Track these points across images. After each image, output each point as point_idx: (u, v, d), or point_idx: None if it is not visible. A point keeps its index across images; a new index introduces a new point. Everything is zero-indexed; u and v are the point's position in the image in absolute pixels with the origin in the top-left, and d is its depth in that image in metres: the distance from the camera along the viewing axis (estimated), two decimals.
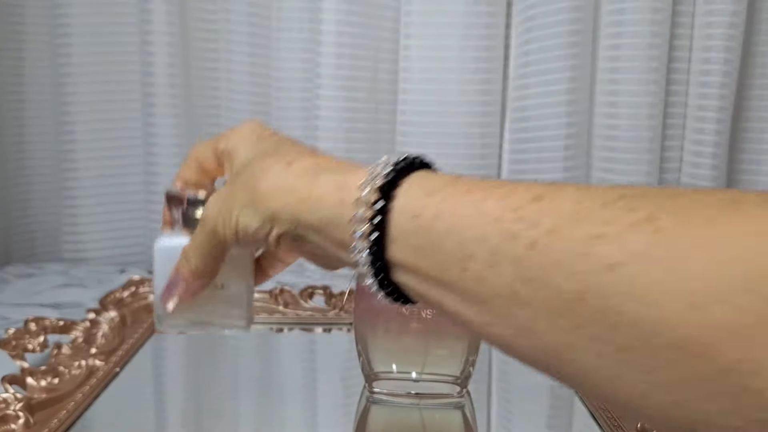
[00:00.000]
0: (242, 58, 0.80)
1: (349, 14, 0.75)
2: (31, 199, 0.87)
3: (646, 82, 0.72)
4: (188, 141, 0.82)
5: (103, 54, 0.82)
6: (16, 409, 0.41)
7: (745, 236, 0.21)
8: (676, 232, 0.22)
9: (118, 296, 0.63)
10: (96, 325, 0.56)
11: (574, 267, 0.23)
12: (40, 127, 0.86)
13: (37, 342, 0.51)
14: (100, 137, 0.84)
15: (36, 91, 0.85)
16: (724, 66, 0.71)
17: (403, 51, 0.77)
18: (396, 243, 0.29)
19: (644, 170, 0.74)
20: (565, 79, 0.73)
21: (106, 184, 0.85)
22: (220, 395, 0.48)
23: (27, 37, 0.83)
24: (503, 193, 0.26)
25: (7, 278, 0.77)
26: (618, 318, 0.22)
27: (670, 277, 0.21)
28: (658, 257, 0.21)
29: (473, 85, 0.76)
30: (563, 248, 0.24)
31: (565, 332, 0.24)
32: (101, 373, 0.49)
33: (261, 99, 0.81)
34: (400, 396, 0.47)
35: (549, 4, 0.72)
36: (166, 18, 0.78)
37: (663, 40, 0.72)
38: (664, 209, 0.22)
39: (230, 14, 0.80)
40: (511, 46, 0.78)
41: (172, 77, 0.80)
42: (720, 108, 0.71)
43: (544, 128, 0.75)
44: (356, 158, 0.77)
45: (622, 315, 0.22)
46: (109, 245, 0.86)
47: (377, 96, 0.79)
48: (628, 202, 0.23)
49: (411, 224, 0.28)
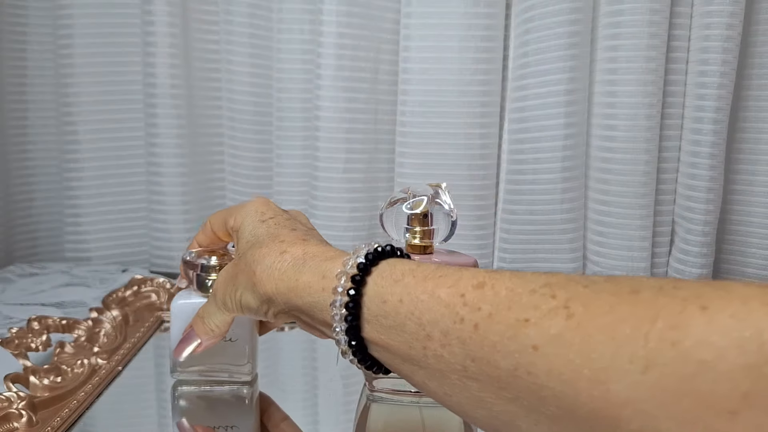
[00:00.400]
0: (243, 58, 0.81)
1: (350, 15, 0.75)
2: (33, 198, 0.88)
3: (644, 82, 0.72)
4: (190, 141, 0.83)
5: (105, 54, 0.82)
6: (19, 408, 0.41)
7: (638, 320, 0.24)
8: (584, 317, 0.25)
9: (121, 295, 0.63)
10: (98, 324, 0.57)
11: (507, 347, 0.27)
12: (43, 127, 0.86)
13: (40, 341, 0.52)
14: (103, 137, 0.84)
15: (38, 91, 0.85)
16: (721, 66, 0.71)
17: (403, 51, 0.77)
18: (369, 323, 0.33)
19: (641, 170, 0.74)
20: (563, 79, 0.73)
21: (108, 183, 0.85)
22: (222, 394, 0.49)
23: (29, 37, 0.84)
24: (453, 280, 0.31)
25: (10, 278, 0.78)
26: (545, 392, 0.26)
27: (580, 357, 0.24)
28: (569, 340, 0.25)
29: (472, 85, 0.76)
30: (499, 330, 0.27)
31: (508, 402, 0.27)
32: (104, 371, 0.50)
33: (262, 99, 0.82)
34: (401, 394, 0.48)
35: (548, 5, 0.73)
36: (168, 18, 0.78)
37: (661, 40, 0.72)
38: (577, 297, 0.26)
39: (231, 15, 0.80)
40: (510, 46, 0.78)
41: (173, 77, 0.80)
42: (717, 108, 0.71)
43: (543, 128, 0.75)
44: (356, 158, 0.78)
45: (547, 390, 0.25)
46: (111, 245, 0.86)
47: (377, 96, 0.79)
48: (550, 289, 0.27)
49: (381, 308, 0.33)
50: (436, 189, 0.48)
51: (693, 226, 0.75)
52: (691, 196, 0.75)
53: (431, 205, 0.47)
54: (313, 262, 0.37)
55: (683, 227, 0.76)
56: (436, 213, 0.47)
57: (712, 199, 0.74)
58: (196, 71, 0.83)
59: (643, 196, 0.75)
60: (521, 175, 0.77)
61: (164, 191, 0.83)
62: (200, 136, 0.84)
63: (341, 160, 0.78)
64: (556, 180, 0.76)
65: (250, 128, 0.82)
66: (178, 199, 0.83)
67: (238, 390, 0.49)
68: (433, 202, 0.47)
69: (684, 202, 0.76)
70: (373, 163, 0.80)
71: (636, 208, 0.75)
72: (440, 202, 0.47)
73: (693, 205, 0.74)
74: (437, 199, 0.47)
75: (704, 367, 0.22)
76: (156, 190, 0.83)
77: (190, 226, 0.84)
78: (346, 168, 0.78)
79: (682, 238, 0.76)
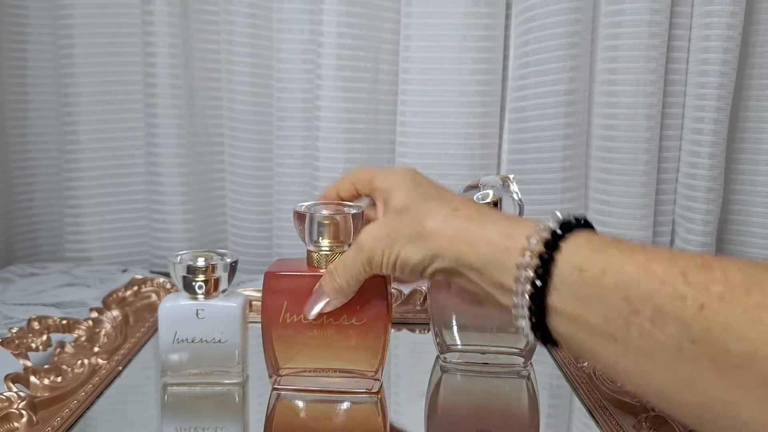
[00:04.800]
0: (243, 58, 0.80)
1: (350, 15, 0.75)
2: (34, 198, 0.88)
3: (644, 82, 0.72)
4: (190, 141, 0.83)
5: (106, 55, 0.82)
6: (19, 408, 0.41)
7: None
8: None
9: (121, 295, 0.63)
10: (99, 324, 0.57)
11: (744, 332, 0.25)
12: (43, 127, 0.86)
13: (40, 341, 0.52)
14: (103, 137, 0.84)
15: (39, 91, 0.85)
16: (722, 66, 0.71)
17: (403, 51, 0.77)
18: (558, 291, 0.31)
19: (641, 170, 0.74)
20: (564, 79, 0.73)
21: (108, 183, 0.85)
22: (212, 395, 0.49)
23: (29, 37, 0.84)
24: (667, 256, 0.29)
25: (11, 278, 0.78)
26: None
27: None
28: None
29: (473, 85, 0.76)
30: (734, 314, 0.26)
31: (729, 390, 0.26)
32: (104, 371, 0.50)
33: (262, 99, 0.82)
34: (470, 365, 0.52)
35: (548, 4, 0.73)
36: (168, 19, 0.78)
37: (661, 40, 0.72)
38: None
39: (231, 15, 0.80)
40: (511, 46, 0.78)
41: (173, 78, 0.80)
42: (718, 108, 0.71)
43: (543, 128, 0.75)
44: (356, 158, 0.78)
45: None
46: (111, 245, 0.86)
47: (377, 96, 0.79)
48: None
49: (577, 277, 0.31)
50: (506, 180, 0.49)
51: (693, 226, 0.75)
52: (692, 196, 0.75)
53: (501, 194, 0.48)
54: (493, 221, 0.36)
55: (683, 227, 0.76)
56: (506, 201, 0.49)
57: (712, 199, 0.74)
58: (196, 71, 0.83)
59: (643, 196, 0.75)
60: (521, 175, 0.77)
61: (164, 191, 0.83)
62: (200, 136, 0.84)
63: (341, 160, 0.78)
64: (556, 180, 0.76)
65: (250, 128, 0.82)
66: (178, 199, 0.83)
67: (229, 391, 0.49)
68: (503, 191, 0.48)
69: (684, 202, 0.76)
70: (374, 163, 0.80)
71: (636, 208, 0.75)
72: (510, 191, 0.48)
73: (693, 205, 0.74)
74: (507, 188, 0.49)
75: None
76: (156, 190, 0.83)
77: (190, 226, 0.84)
78: (346, 168, 0.78)
79: (683, 237, 0.76)
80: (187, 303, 0.47)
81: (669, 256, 0.29)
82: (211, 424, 0.45)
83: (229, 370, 0.48)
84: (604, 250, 0.31)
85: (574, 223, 0.34)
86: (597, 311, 0.30)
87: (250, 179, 0.83)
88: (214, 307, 0.47)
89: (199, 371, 0.48)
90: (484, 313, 0.49)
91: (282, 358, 0.47)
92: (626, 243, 0.31)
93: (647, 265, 0.29)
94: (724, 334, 0.26)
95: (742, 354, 0.25)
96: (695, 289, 0.27)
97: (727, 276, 0.27)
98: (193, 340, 0.47)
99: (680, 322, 0.27)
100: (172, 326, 0.47)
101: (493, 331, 0.51)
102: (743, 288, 0.26)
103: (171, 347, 0.47)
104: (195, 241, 0.84)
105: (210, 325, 0.47)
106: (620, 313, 0.29)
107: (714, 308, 0.26)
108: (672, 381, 0.28)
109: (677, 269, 0.28)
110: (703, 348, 0.26)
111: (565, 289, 0.31)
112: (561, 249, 0.32)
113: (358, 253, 0.40)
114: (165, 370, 0.48)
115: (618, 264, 0.30)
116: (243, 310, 0.48)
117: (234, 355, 0.48)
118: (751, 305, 0.26)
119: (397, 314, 0.63)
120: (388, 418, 0.46)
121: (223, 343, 0.47)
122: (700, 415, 0.28)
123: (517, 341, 0.51)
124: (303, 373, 0.47)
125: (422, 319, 0.63)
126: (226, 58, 0.82)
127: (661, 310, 0.28)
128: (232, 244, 0.86)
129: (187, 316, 0.47)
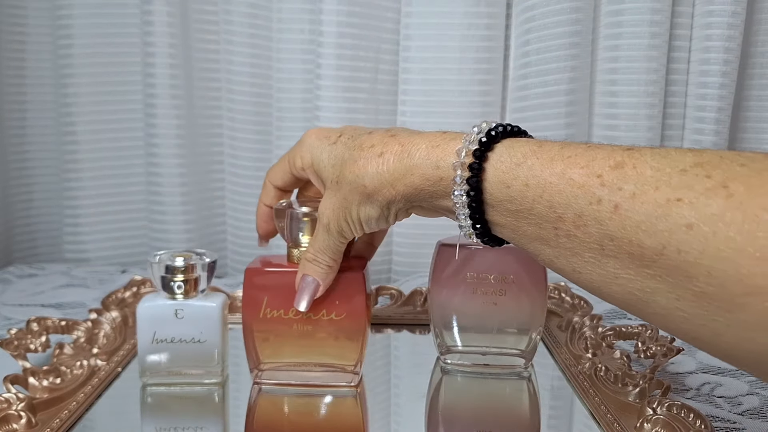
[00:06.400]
0: (243, 58, 0.80)
1: (350, 15, 0.75)
2: (32, 199, 0.88)
3: (646, 82, 0.72)
4: (189, 141, 0.82)
5: (105, 55, 0.82)
6: (18, 409, 0.41)
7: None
8: (746, 196, 0.25)
9: (120, 296, 0.63)
10: (98, 325, 0.57)
11: (655, 226, 0.27)
12: (42, 128, 0.86)
13: (39, 342, 0.52)
14: (102, 137, 0.84)
15: (37, 92, 0.85)
16: (723, 66, 0.71)
17: (403, 51, 0.77)
18: (494, 208, 0.35)
19: None
20: (564, 79, 0.73)
21: (107, 184, 0.85)
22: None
23: (28, 37, 0.84)
24: (585, 160, 0.31)
25: (9, 278, 0.77)
26: (695, 270, 0.26)
27: (741, 236, 0.25)
28: (730, 219, 0.25)
29: (473, 85, 0.76)
30: (645, 210, 0.28)
31: (648, 279, 0.28)
32: (103, 372, 0.50)
33: (262, 99, 0.82)
34: (471, 367, 0.52)
35: (549, 4, 0.73)
36: (167, 18, 0.78)
37: (662, 40, 0.72)
38: (735, 177, 0.26)
39: (231, 15, 0.80)
40: (511, 46, 0.78)
41: (173, 78, 0.80)
42: (719, 108, 0.71)
43: (543, 128, 0.75)
44: None
45: (699, 267, 0.26)
46: (110, 245, 0.86)
47: (377, 96, 0.79)
48: (703, 169, 0.27)
49: (505, 193, 0.34)
50: None
51: None
52: None
53: None
54: (418, 153, 0.37)
55: None
56: None
57: None
58: (196, 71, 0.83)
59: None
60: None
61: (164, 191, 0.83)
62: (200, 136, 0.84)
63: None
64: None
65: (250, 128, 0.82)
66: (177, 199, 0.83)
67: (209, 391, 0.48)
68: None
69: None
70: None
71: None
72: None
73: None
74: None
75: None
76: (156, 191, 0.83)
77: (189, 227, 0.84)
78: None
79: None
80: (166, 303, 0.47)
81: (587, 160, 0.31)
82: (191, 423, 0.45)
83: (208, 369, 0.48)
84: (523, 162, 0.33)
85: (492, 136, 0.35)
86: (529, 221, 0.33)
87: (250, 180, 0.83)
88: (193, 306, 0.47)
89: (179, 371, 0.48)
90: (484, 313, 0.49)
91: (263, 352, 0.47)
92: (548, 149, 0.33)
93: (565, 173, 0.31)
94: (637, 229, 0.28)
95: (653, 247, 0.27)
96: (609, 190, 0.29)
97: (638, 173, 0.29)
98: (173, 340, 0.47)
99: (598, 223, 0.29)
100: (150, 326, 0.47)
101: (494, 332, 0.50)
102: (652, 184, 0.28)
103: (150, 347, 0.47)
104: (194, 241, 0.84)
105: (189, 324, 0.47)
106: (548, 221, 0.32)
107: (627, 207, 0.28)
108: (599, 276, 0.31)
109: (594, 172, 0.30)
110: (621, 245, 0.29)
111: (498, 206, 0.34)
112: (486, 170, 0.34)
113: (326, 232, 0.42)
114: (144, 370, 0.48)
115: (538, 175, 0.32)
116: (222, 310, 0.48)
117: (213, 354, 0.48)
118: (661, 200, 0.27)
119: (397, 315, 0.63)
120: (368, 411, 0.46)
121: (203, 342, 0.47)
122: (627, 304, 0.30)
123: (518, 342, 0.51)
124: (284, 367, 0.47)
125: (422, 320, 0.63)
126: (225, 58, 0.81)
127: (581, 215, 0.30)
128: (231, 245, 0.86)
129: (166, 316, 0.47)
